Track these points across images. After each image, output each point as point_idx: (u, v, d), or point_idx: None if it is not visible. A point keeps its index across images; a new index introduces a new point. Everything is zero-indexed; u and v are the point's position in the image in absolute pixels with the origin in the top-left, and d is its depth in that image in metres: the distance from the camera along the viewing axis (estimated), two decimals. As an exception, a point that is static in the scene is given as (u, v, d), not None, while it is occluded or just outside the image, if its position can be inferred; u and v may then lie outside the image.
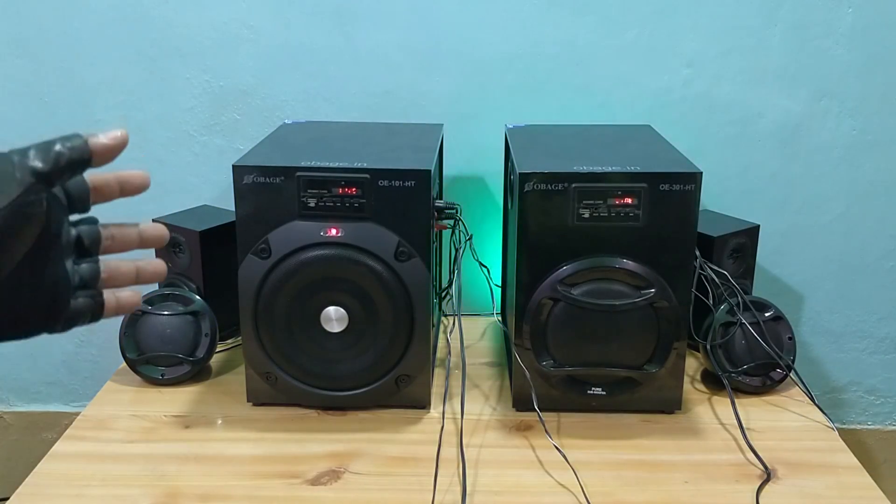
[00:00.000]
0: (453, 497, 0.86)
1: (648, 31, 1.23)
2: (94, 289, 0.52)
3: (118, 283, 0.53)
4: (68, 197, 0.50)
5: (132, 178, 0.53)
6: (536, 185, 0.93)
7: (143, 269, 0.54)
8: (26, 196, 0.45)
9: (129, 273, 0.54)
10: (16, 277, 0.47)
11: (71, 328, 0.51)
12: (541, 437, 0.96)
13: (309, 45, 1.24)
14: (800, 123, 1.27)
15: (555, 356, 0.98)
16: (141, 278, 0.54)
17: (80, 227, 0.51)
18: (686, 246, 0.95)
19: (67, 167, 0.47)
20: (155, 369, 1.08)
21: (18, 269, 0.47)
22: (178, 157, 1.29)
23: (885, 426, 1.45)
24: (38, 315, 0.50)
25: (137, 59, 1.25)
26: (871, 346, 1.39)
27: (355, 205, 0.94)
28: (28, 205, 0.46)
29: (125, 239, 0.53)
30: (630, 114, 1.26)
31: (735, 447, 0.96)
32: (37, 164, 0.46)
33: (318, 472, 0.90)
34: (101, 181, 0.52)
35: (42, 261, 0.48)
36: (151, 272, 0.55)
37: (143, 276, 0.54)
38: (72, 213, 0.51)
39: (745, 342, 1.06)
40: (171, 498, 0.86)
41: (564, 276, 0.95)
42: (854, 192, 1.30)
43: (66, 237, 0.50)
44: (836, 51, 1.23)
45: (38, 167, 0.46)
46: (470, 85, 1.26)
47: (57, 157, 0.47)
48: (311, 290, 0.96)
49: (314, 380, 1.00)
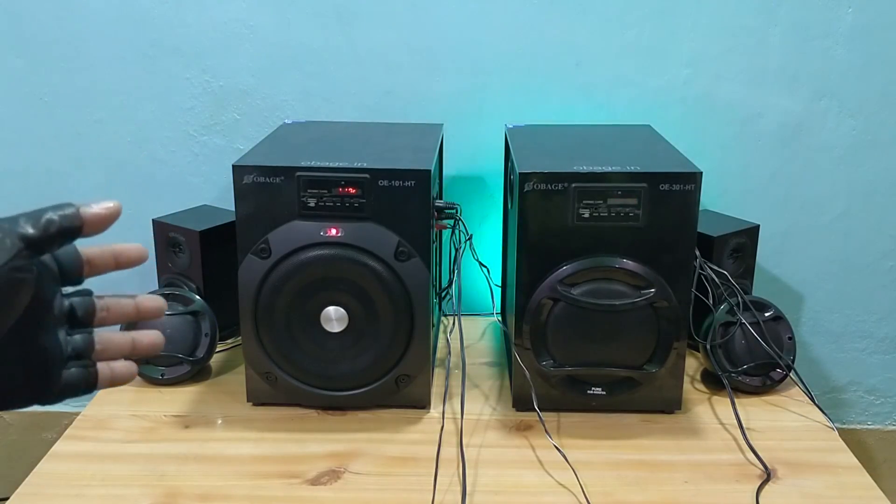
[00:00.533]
0: (453, 497, 0.86)
1: (648, 31, 1.23)
2: (87, 360, 0.51)
3: (113, 355, 0.52)
4: (61, 268, 0.49)
5: (128, 252, 0.51)
6: (536, 185, 0.93)
7: (139, 340, 0.53)
8: (15, 262, 0.45)
9: (124, 344, 0.53)
10: (4, 347, 0.46)
11: (63, 400, 0.50)
12: (541, 437, 0.96)
13: (309, 45, 1.24)
14: (800, 123, 1.27)
15: (555, 356, 0.98)
16: (137, 350, 0.53)
17: (73, 298, 0.51)
18: (686, 246, 0.95)
19: (58, 235, 0.46)
20: (155, 369, 1.08)
21: (8, 338, 0.46)
22: (178, 157, 1.29)
23: (885, 426, 1.45)
24: (29, 385, 0.49)
25: (137, 59, 1.25)
26: (871, 346, 1.39)
27: (355, 205, 0.94)
28: (17, 271, 0.45)
29: (121, 310, 0.52)
30: (630, 114, 1.26)
31: (735, 447, 0.96)
32: (26, 230, 0.45)
33: (318, 472, 0.90)
34: (95, 253, 0.51)
35: (33, 330, 0.48)
36: (147, 344, 0.54)
37: (138, 348, 0.53)
38: (65, 285, 0.50)
39: (745, 342, 1.06)
40: (171, 498, 0.86)
41: (564, 276, 0.95)
42: (854, 192, 1.30)
43: (59, 307, 0.49)
44: (836, 51, 1.23)
45: (28, 233, 0.45)
46: (470, 85, 1.26)
47: (47, 225, 0.46)
48: (311, 290, 0.96)
49: (314, 380, 1.00)
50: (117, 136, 1.28)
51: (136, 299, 0.53)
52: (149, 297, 0.54)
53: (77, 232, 0.47)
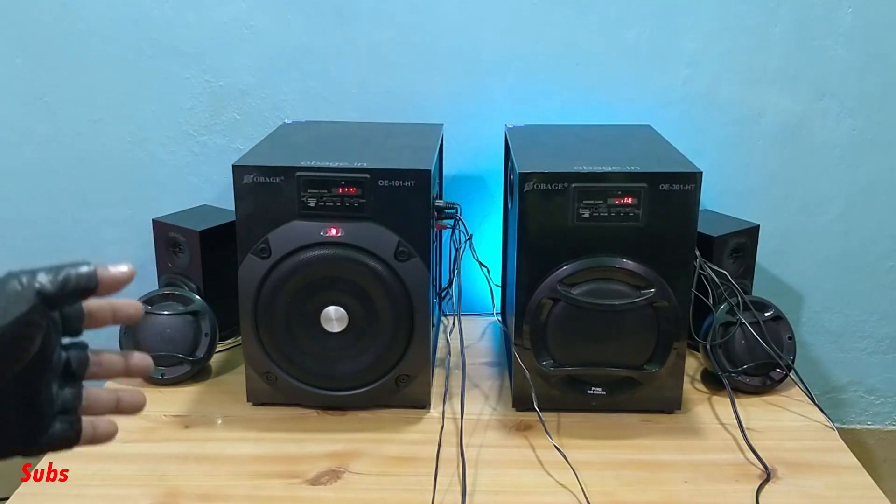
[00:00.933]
0: (453, 497, 0.86)
1: (648, 31, 1.23)
2: (73, 415, 0.51)
3: (97, 412, 0.52)
4: (63, 320, 0.50)
5: (126, 308, 0.51)
6: (536, 184, 0.93)
7: (123, 399, 0.54)
8: (29, 316, 0.46)
9: (109, 402, 0.53)
10: (4, 395, 0.47)
11: (44, 454, 0.51)
12: (541, 437, 0.96)
13: (309, 45, 1.24)
14: (800, 123, 1.27)
15: (555, 356, 0.98)
16: (120, 408, 0.53)
17: (70, 352, 0.51)
18: (686, 246, 0.95)
19: (72, 293, 0.47)
20: (155, 369, 1.08)
21: (8, 389, 0.47)
22: (178, 157, 1.29)
23: (885, 426, 1.45)
24: (19, 437, 0.49)
25: (137, 59, 1.25)
26: (871, 345, 1.39)
27: (355, 205, 0.94)
28: (30, 325, 0.46)
29: (111, 366, 0.53)
30: (630, 114, 1.26)
31: (735, 447, 0.96)
32: (44, 286, 0.46)
33: (318, 472, 0.90)
34: (96, 307, 0.51)
35: (32, 383, 0.48)
36: (131, 403, 0.54)
37: (122, 406, 0.53)
38: (64, 336, 0.50)
39: (744, 342, 1.06)
40: (171, 498, 0.86)
41: (564, 275, 0.95)
42: (854, 192, 1.30)
43: (56, 360, 0.50)
44: (836, 51, 1.23)
45: (46, 289, 0.46)
46: (470, 85, 1.26)
47: (64, 282, 0.47)
48: (311, 290, 0.96)
49: (314, 379, 1.00)
50: (117, 136, 1.28)
51: (127, 356, 0.53)
52: (139, 355, 0.54)
53: (91, 292, 0.48)
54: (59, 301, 0.47)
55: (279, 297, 0.96)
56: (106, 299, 0.51)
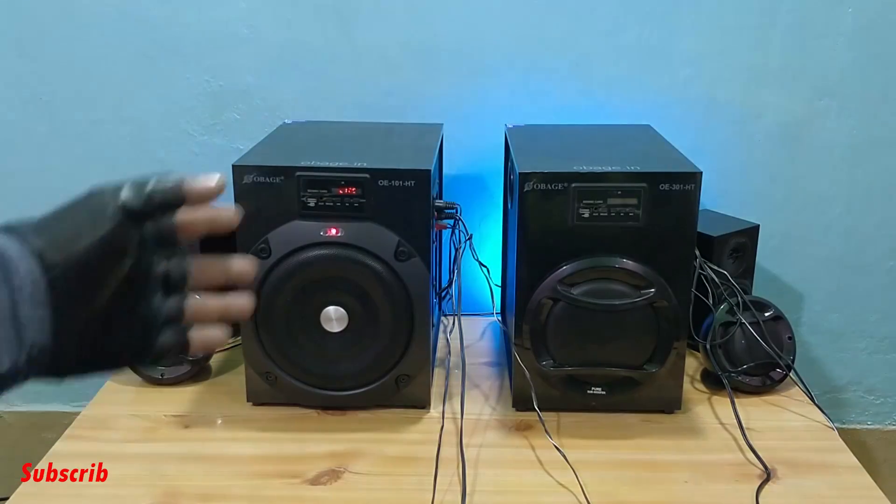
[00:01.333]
0: (453, 497, 0.86)
1: (648, 31, 1.23)
2: (180, 324, 0.51)
3: (205, 320, 0.52)
4: (157, 233, 0.49)
5: (221, 217, 0.51)
6: (536, 184, 0.93)
7: (231, 305, 0.53)
8: (117, 232, 0.46)
9: (216, 310, 0.53)
10: (107, 313, 0.47)
11: (157, 364, 0.51)
12: (541, 437, 0.96)
13: (309, 45, 1.24)
14: (800, 123, 1.27)
15: (555, 356, 0.98)
16: (228, 315, 0.53)
17: (169, 263, 0.51)
18: (686, 246, 0.95)
19: (159, 208, 0.47)
20: (155, 369, 1.08)
21: (110, 305, 0.47)
22: (178, 157, 1.29)
23: (885, 426, 1.45)
24: (128, 350, 0.49)
25: (137, 59, 1.25)
26: (871, 345, 1.39)
27: (355, 205, 0.94)
28: (118, 241, 0.46)
29: (213, 274, 0.53)
30: (630, 114, 1.26)
31: (735, 447, 0.96)
32: (129, 201, 0.47)
33: (318, 472, 0.90)
34: (189, 219, 0.50)
35: (133, 297, 0.48)
36: (238, 309, 0.54)
37: (230, 312, 0.53)
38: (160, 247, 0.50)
39: (744, 342, 1.06)
40: (171, 498, 0.86)
41: (564, 275, 0.95)
42: (854, 192, 1.30)
43: (155, 273, 0.50)
44: (836, 51, 1.23)
45: (131, 205, 0.46)
46: (470, 85, 1.26)
47: (149, 197, 0.47)
48: (311, 290, 0.96)
49: (314, 379, 1.00)
50: (117, 136, 1.28)
51: (227, 262, 0.53)
52: (240, 259, 0.54)
53: (179, 205, 0.48)
54: (146, 216, 0.47)
55: (279, 297, 0.96)
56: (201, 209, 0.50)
